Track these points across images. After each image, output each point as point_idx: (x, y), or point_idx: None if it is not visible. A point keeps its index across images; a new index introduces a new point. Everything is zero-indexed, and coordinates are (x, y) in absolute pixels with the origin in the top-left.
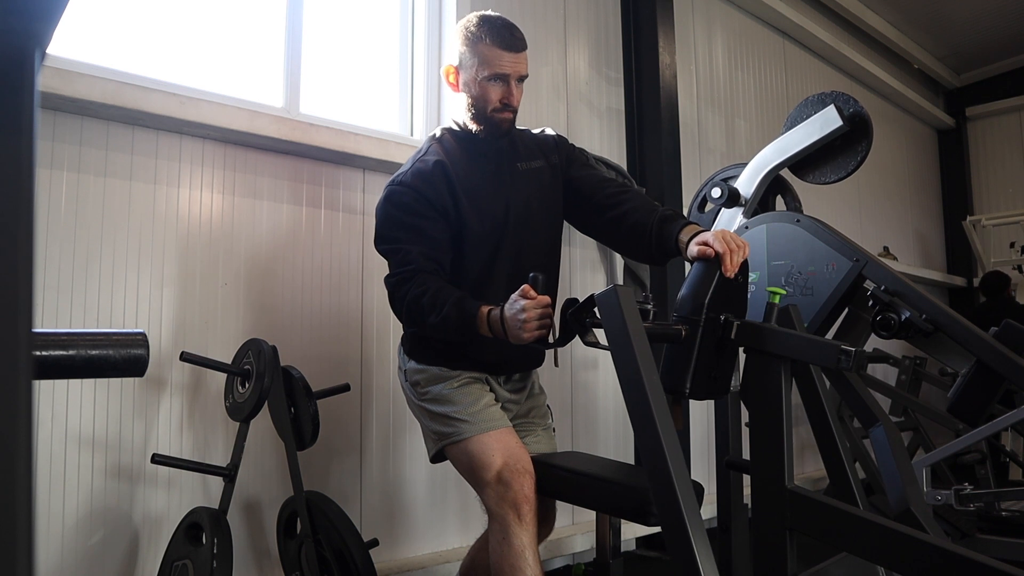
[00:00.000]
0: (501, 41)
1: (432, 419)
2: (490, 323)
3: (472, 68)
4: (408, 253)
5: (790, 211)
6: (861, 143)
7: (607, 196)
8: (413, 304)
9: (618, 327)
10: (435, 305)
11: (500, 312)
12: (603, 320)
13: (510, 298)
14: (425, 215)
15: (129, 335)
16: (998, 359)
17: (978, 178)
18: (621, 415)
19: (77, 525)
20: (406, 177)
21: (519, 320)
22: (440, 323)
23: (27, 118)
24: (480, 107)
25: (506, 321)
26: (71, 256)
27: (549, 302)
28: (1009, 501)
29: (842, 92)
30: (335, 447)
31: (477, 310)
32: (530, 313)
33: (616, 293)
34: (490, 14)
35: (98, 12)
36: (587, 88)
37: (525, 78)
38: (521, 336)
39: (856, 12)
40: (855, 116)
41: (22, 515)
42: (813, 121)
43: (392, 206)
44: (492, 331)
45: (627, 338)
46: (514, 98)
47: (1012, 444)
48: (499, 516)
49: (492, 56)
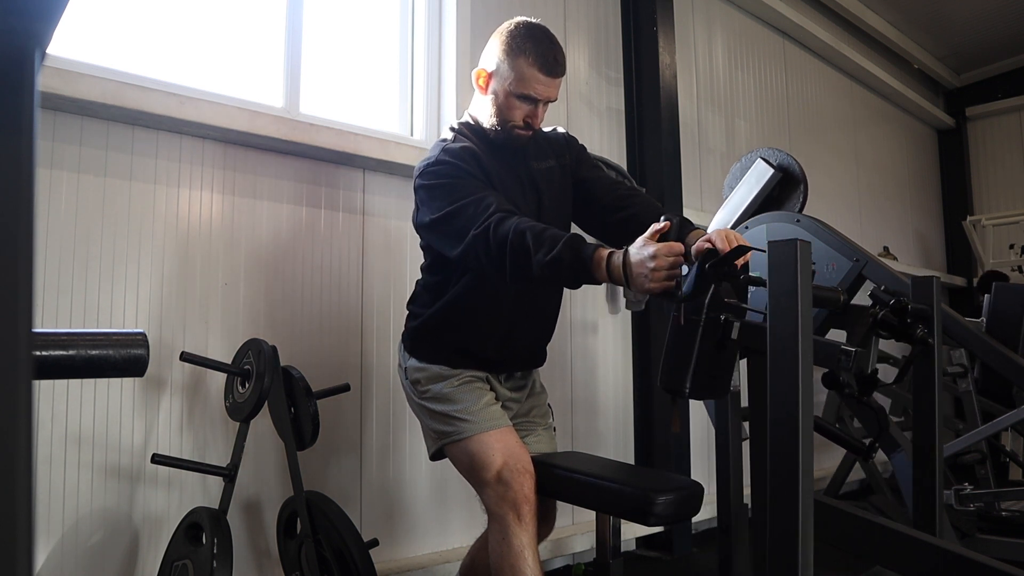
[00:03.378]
0: (543, 64)
1: (432, 417)
2: (610, 268)
3: (506, 80)
4: (484, 199)
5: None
6: (799, 186)
7: (616, 198)
8: (517, 241)
9: (788, 284)
10: (542, 242)
11: (624, 256)
12: (771, 276)
13: (636, 241)
14: (478, 177)
15: (129, 335)
16: (998, 359)
17: (978, 178)
18: (621, 415)
19: (77, 525)
20: (441, 155)
21: (647, 267)
22: (550, 262)
23: (27, 118)
24: (502, 118)
25: (631, 266)
26: (71, 256)
27: (683, 249)
28: (1009, 501)
29: (764, 147)
30: (335, 447)
31: (594, 251)
32: (660, 260)
33: (796, 247)
34: (534, 23)
35: (98, 12)
36: (587, 88)
37: (554, 100)
38: (646, 285)
39: (856, 12)
40: (783, 164)
41: (22, 515)
42: (748, 178)
43: (440, 177)
44: (612, 277)
45: (794, 297)
46: (537, 120)
47: (1012, 444)
48: (499, 516)
49: (529, 76)
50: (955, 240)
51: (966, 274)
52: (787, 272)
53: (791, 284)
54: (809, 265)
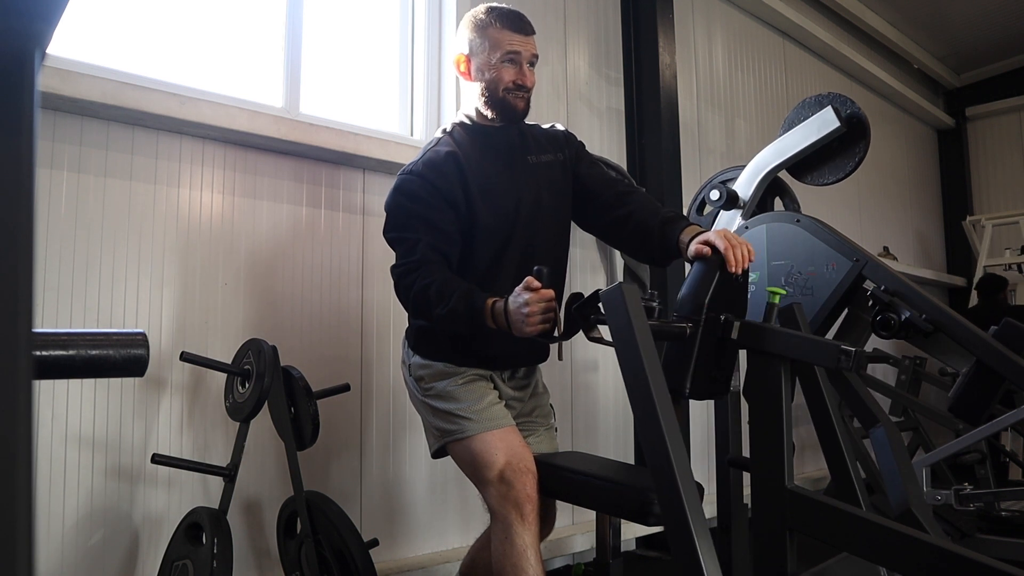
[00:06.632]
0: (511, 24)
1: (435, 415)
2: (494, 316)
3: (484, 52)
4: (416, 243)
5: (790, 211)
6: (859, 144)
7: (614, 195)
8: (420, 295)
9: (623, 324)
10: (442, 297)
11: (504, 305)
12: (608, 317)
13: (514, 291)
14: (435, 206)
15: (129, 335)
16: (998, 359)
17: (978, 178)
18: (621, 415)
19: (77, 525)
20: (417, 166)
21: (522, 313)
22: (447, 315)
23: (27, 118)
24: (493, 90)
25: (510, 314)
26: (71, 256)
27: (553, 295)
28: (1009, 501)
29: (839, 94)
30: (335, 447)
31: (483, 303)
32: (533, 307)
33: (621, 291)
34: (495, 3)
35: (98, 12)
36: (587, 88)
37: (536, 60)
38: (524, 329)
39: (856, 12)
40: (852, 117)
41: (22, 515)
42: (811, 123)
43: (402, 195)
44: (496, 324)
45: (632, 335)
46: (527, 79)
47: (1012, 444)
48: (501, 515)
49: (503, 38)
50: (955, 240)
51: (966, 274)
52: (620, 312)
53: (625, 321)
54: (639, 304)
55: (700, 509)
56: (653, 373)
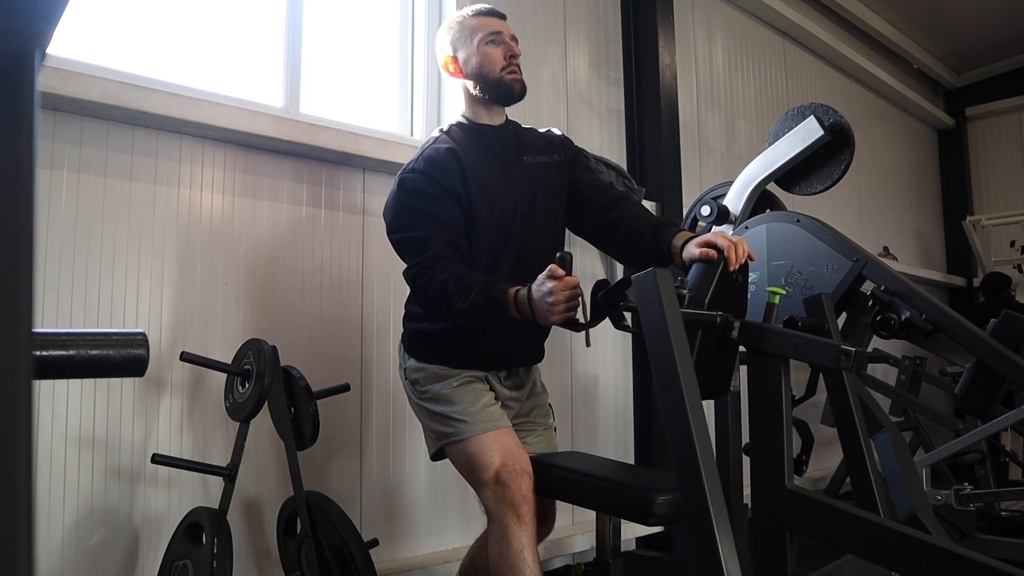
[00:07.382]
0: (484, 11)
1: (432, 418)
2: (518, 305)
3: (466, 42)
4: (427, 240)
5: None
6: (844, 152)
7: (607, 200)
8: (439, 291)
9: (655, 312)
10: (461, 291)
11: (528, 293)
12: (639, 304)
13: (537, 279)
14: (441, 201)
15: (129, 335)
16: (998, 359)
17: (978, 178)
18: (621, 415)
19: (77, 525)
20: (418, 164)
21: (547, 302)
22: (468, 309)
23: (27, 118)
24: (487, 72)
25: (534, 303)
26: (71, 256)
27: (577, 282)
28: (1009, 501)
29: (821, 104)
30: (335, 447)
31: (504, 293)
32: (558, 295)
33: (655, 276)
34: None
35: (98, 12)
36: (587, 88)
37: (516, 41)
38: (549, 318)
39: (856, 12)
40: (835, 125)
41: (22, 515)
42: (795, 133)
43: (406, 194)
44: (520, 313)
45: (663, 324)
46: (514, 49)
47: (1012, 444)
48: (498, 516)
49: (480, 23)
50: (955, 240)
51: (966, 274)
52: (652, 299)
53: (657, 309)
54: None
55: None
56: (683, 363)
